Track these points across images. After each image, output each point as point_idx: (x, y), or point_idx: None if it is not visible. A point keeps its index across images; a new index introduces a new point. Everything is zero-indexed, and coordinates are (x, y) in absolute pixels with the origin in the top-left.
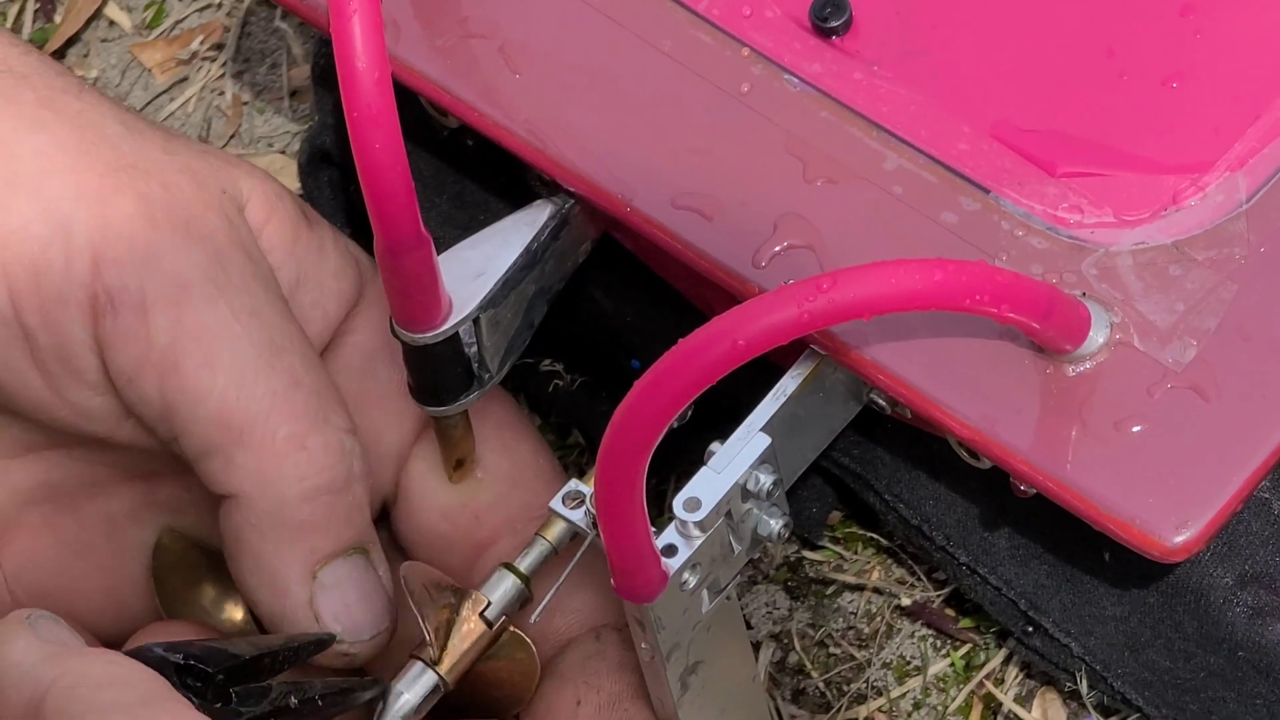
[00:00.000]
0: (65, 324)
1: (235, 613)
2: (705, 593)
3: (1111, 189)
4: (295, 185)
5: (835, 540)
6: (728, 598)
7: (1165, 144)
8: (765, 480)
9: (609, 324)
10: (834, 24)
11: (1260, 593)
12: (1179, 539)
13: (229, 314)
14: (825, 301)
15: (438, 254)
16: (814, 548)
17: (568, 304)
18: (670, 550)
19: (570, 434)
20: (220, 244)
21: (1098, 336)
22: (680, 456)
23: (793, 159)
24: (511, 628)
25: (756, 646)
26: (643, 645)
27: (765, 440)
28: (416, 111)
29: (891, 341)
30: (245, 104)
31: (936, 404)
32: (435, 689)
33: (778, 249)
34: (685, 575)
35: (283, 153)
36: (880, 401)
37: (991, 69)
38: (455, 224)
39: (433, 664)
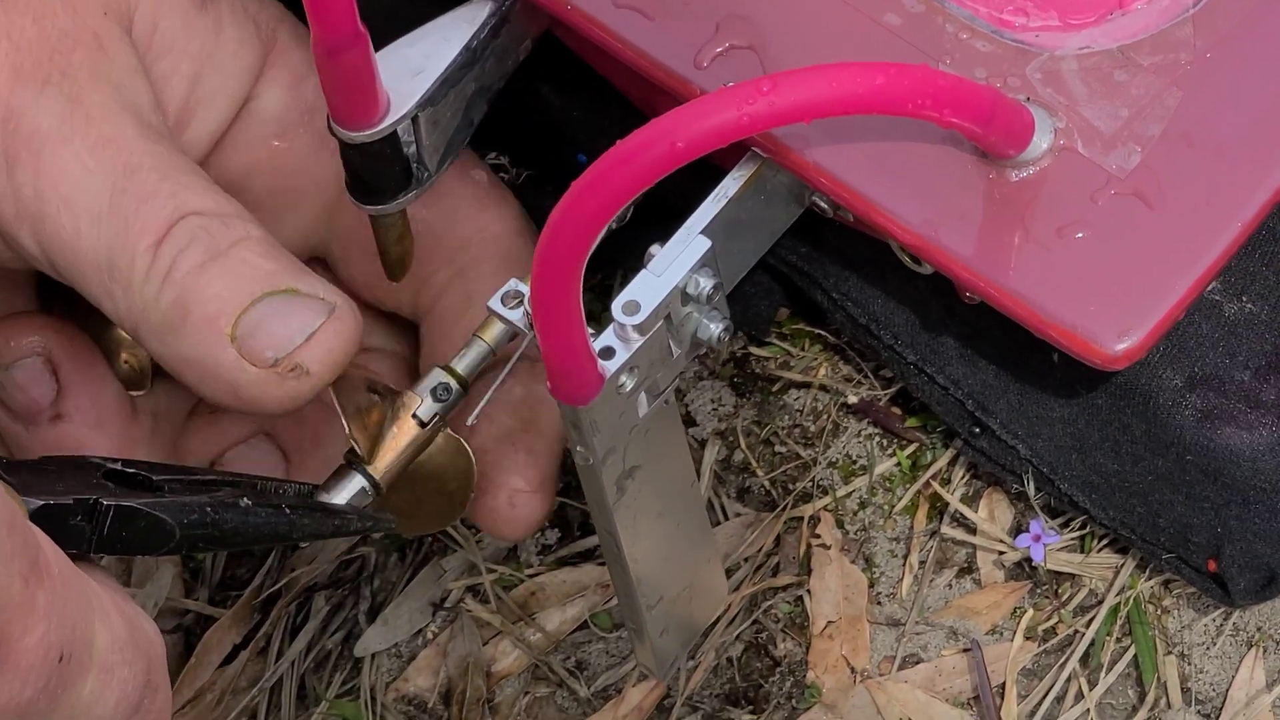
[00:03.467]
0: None
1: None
2: (643, 396)
3: None
4: None
5: (782, 337)
6: (666, 402)
7: None
8: (705, 284)
9: (556, 118)
10: None
11: (1209, 395)
12: (1120, 346)
13: (82, 151)
14: (765, 104)
15: (375, 51)
16: (760, 344)
17: (515, 98)
18: (607, 353)
19: None
20: (81, 82)
21: (1041, 142)
22: (628, 252)
23: None
24: (447, 430)
25: (701, 444)
26: (578, 449)
27: (705, 243)
28: None
29: (834, 145)
30: None
31: (879, 208)
32: (362, 491)
33: (719, 50)
34: (622, 378)
35: None
36: (822, 204)
37: None
38: (399, 19)
39: (362, 465)
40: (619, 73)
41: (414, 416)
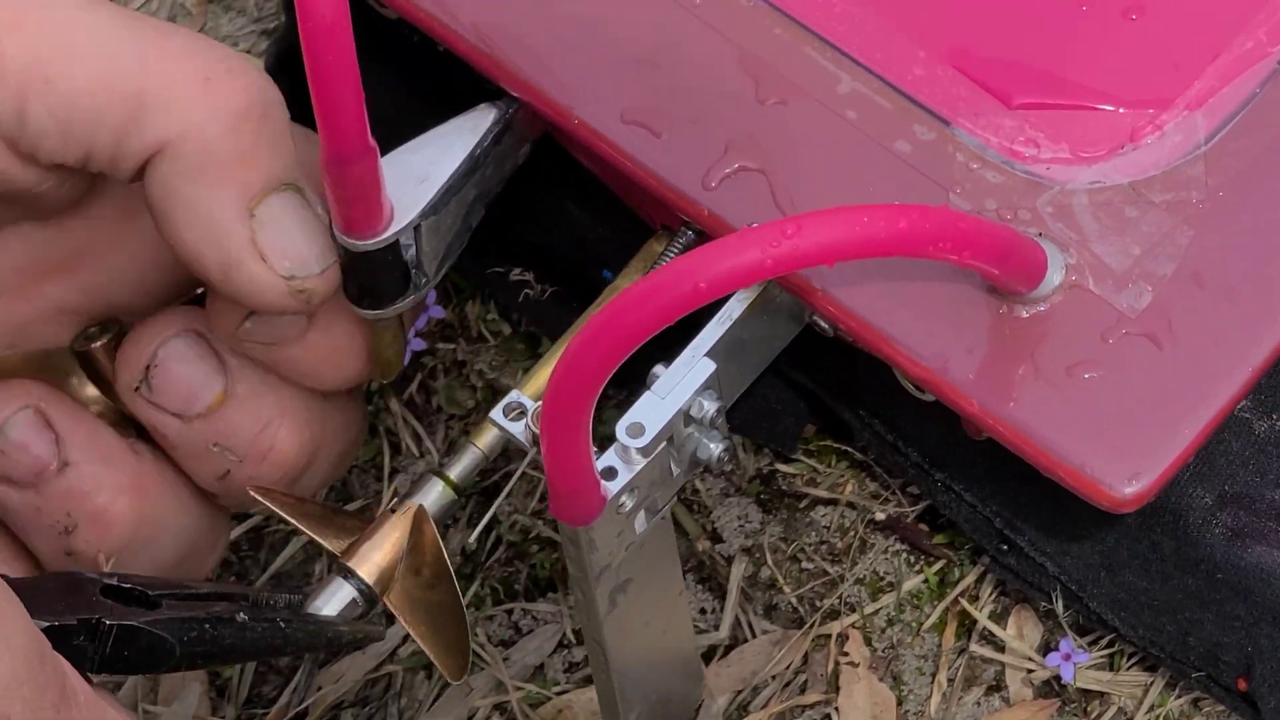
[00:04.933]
0: None
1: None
2: (641, 514)
3: (1069, 123)
4: None
5: (809, 453)
6: (663, 518)
7: (1124, 79)
8: (709, 407)
9: (582, 234)
10: None
11: (1239, 513)
12: (1130, 490)
13: (72, 9)
14: (789, 247)
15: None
16: (787, 461)
17: (541, 213)
18: (610, 473)
19: (540, 343)
20: None
21: (1053, 278)
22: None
23: (745, 77)
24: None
25: (728, 560)
26: (574, 564)
27: (710, 366)
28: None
29: (844, 274)
30: (210, 2)
31: (888, 340)
32: (353, 602)
33: (728, 171)
34: (623, 498)
35: (249, 52)
36: (822, 324)
37: None
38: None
39: (353, 574)
40: (620, 180)
41: (392, 510)
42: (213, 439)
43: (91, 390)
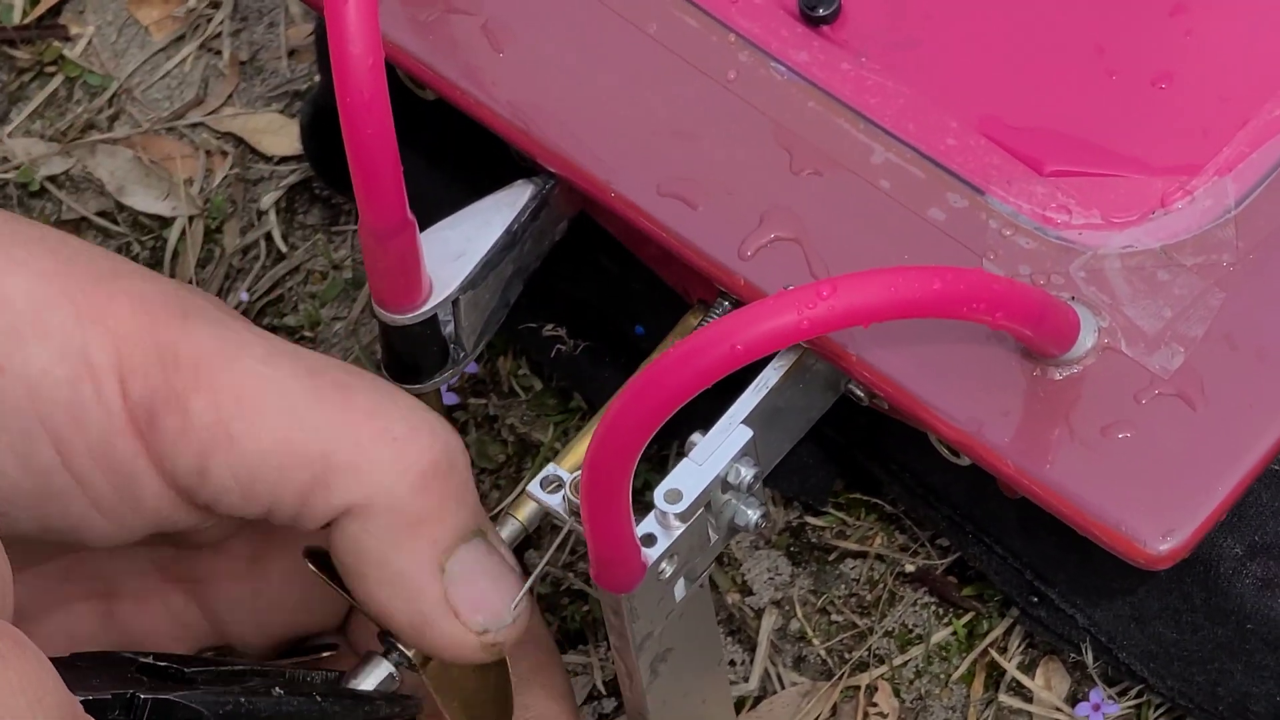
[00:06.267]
0: (120, 459)
1: None
2: (681, 581)
3: (1100, 189)
4: (296, 146)
5: (838, 506)
6: (700, 585)
7: (1154, 145)
8: (746, 473)
9: (614, 289)
10: (823, 13)
11: (1270, 564)
12: (1164, 547)
13: (254, 364)
14: (825, 309)
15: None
16: (816, 514)
17: (573, 268)
18: (649, 540)
19: (572, 398)
20: (215, 314)
21: (1086, 341)
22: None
23: (779, 149)
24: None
25: (758, 613)
26: (616, 635)
27: (747, 433)
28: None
29: (879, 339)
30: (243, 63)
31: (924, 404)
32: (389, 677)
33: (764, 241)
34: (663, 565)
35: (281, 113)
36: (858, 392)
37: (981, 64)
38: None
39: (394, 645)
40: (654, 254)
41: None
42: None
43: None
